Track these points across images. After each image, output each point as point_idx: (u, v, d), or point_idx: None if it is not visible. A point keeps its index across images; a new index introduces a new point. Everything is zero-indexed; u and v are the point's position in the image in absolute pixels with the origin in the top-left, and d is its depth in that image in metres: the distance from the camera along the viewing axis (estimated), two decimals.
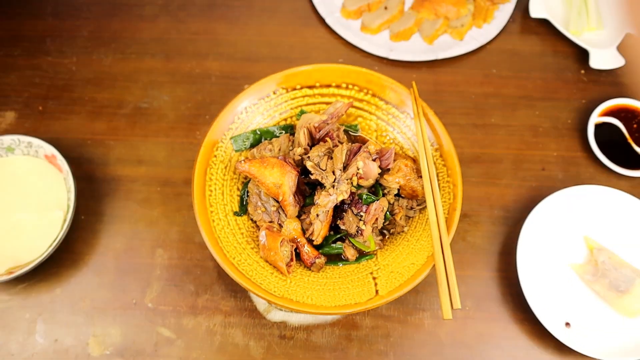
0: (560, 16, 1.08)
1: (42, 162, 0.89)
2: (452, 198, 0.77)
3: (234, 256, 0.74)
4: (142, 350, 0.80)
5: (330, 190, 0.74)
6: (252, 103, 0.84)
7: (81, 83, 1.02)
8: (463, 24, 1.06)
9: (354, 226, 0.76)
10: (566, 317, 0.80)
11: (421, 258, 0.74)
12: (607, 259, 0.82)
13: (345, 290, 0.73)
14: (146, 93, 1.01)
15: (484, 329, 0.81)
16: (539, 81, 1.03)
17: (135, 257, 0.86)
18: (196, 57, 1.05)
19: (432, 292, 0.84)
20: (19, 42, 1.07)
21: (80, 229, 0.88)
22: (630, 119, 0.95)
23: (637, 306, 0.79)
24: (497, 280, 0.85)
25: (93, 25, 1.09)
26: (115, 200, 0.91)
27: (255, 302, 0.83)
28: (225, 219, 0.79)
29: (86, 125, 0.98)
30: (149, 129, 0.98)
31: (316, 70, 0.85)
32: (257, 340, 0.80)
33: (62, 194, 0.86)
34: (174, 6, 1.12)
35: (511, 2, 1.10)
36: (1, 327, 0.81)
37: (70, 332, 0.81)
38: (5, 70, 1.04)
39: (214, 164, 0.81)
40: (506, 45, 1.07)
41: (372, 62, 1.05)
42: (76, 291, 0.84)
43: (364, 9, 1.09)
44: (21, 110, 0.99)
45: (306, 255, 0.77)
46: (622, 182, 0.92)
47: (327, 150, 0.78)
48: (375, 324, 0.82)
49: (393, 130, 0.87)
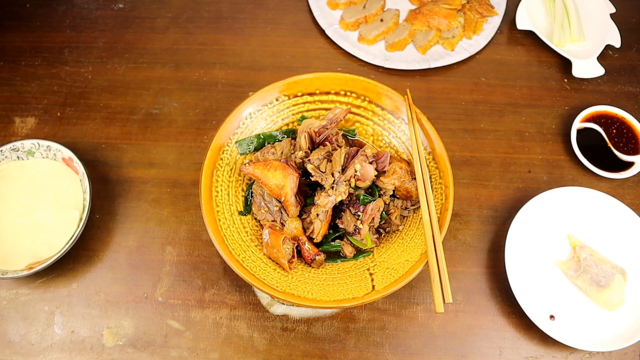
0: (544, 28, 1.08)
1: (60, 164, 0.88)
2: (444, 198, 0.76)
3: (238, 253, 0.74)
4: (152, 341, 0.79)
5: (330, 191, 0.74)
6: (256, 109, 0.84)
7: (96, 91, 1.02)
8: (454, 35, 1.06)
9: (352, 225, 0.76)
10: (551, 310, 0.79)
11: (415, 255, 0.73)
12: (588, 255, 0.82)
13: (343, 286, 0.73)
14: (157, 100, 1.01)
15: (473, 321, 0.81)
16: (524, 89, 1.02)
17: (147, 254, 0.86)
18: (204, 66, 1.05)
19: (425, 287, 0.83)
20: (39, 52, 1.07)
21: (95, 227, 0.88)
22: (610, 125, 0.95)
23: (616, 300, 0.79)
24: (486, 275, 0.84)
25: (108, 36, 1.09)
26: (128, 201, 0.90)
27: (259, 297, 0.83)
28: (231, 218, 0.78)
29: (101, 130, 0.97)
30: (160, 133, 0.97)
31: (316, 79, 0.85)
32: (260, 332, 0.80)
33: (78, 195, 0.86)
34: (183, 19, 1.11)
35: (499, 15, 1.09)
36: (22, 319, 0.81)
37: (86, 324, 0.81)
38: (26, 79, 1.04)
39: (220, 166, 0.80)
40: (494, 55, 1.07)
41: (369, 70, 1.04)
42: (91, 286, 0.84)
43: (361, 21, 1.09)
44: (41, 116, 0.99)
45: (307, 252, 0.77)
46: (602, 183, 0.92)
47: (327, 154, 0.77)
48: (372, 317, 0.81)
49: (388, 134, 0.86)
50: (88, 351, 0.79)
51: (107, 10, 1.13)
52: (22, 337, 0.80)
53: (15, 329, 0.80)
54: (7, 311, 0.82)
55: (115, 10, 1.13)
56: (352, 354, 0.79)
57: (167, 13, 1.12)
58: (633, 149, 0.92)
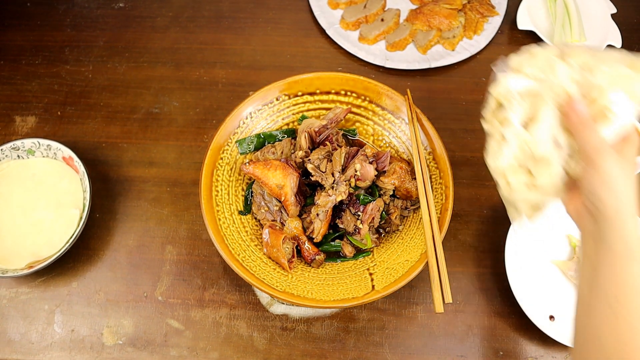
0: (545, 28, 1.08)
1: (60, 163, 0.88)
2: (444, 199, 0.76)
3: (238, 253, 0.74)
4: (152, 340, 0.79)
5: (330, 191, 0.74)
6: (257, 109, 0.84)
7: (97, 90, 1.02)
8: (455, 35, 1.05)
9: (351, 225, 0.76)
10: (550, 311, 0.79)
11: (415, 255, 0.73)
12: None
13: (343, 285, 0.73)
14: (157, 99, 1.01)
15: (473, 321, 0.81)
16: None
17: (147, 253, 0.86)
18: (204, 66, 1.04)
19: (425, 287, 0.83)
20: (40, 51, 1.07)
21: (96, 226, 0.88)
22: None
23: None
24: (486, 276, 0.84)
25: (108, 35, 1.09)
26: (128, 200, 0.90)
27: (259, 296, 0.82)
28: (231, 217, 0.78)
29: (101, 129, 0.97)
30: (160, 132, 0.97)
31: (317, 78, 0.85)
32: (260, 332, 0.80)
33: (78, 194, 0.86)
34: (184, 18, 1.11)
35: (500, 15, 1.09)
36: (22, 318, 0.81)
37: (86, 323, 0.81)
38: (27, 78, 1.03)
39: (221, 166, 0.80)
40: (495, 55, 1.06)
41: (369, 70, 1.04)
42: (91, 285, 0.83)
43: (362, 21, 1.08)
44: (41, 115, 0.99)
45: (307, 252, 0.76)
46: None
47: (327, 154, 0.77)
48: (372, 317, 0.81)
49: (389, 134, 0.86)
50: (88, 350, 0.79)
51: (107, 9, 1.13)
52: (22, 335, 0.80)
53: (15, 328, 0.80)
54: (7, 310, 0.81)
55: (115, 9, 1.13)
56: (352, 354, 0.78)
57: (168, 12, 1.12)
58: None
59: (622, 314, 0.52)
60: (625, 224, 0.52)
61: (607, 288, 0.53)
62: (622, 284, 0.52)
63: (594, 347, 0.54)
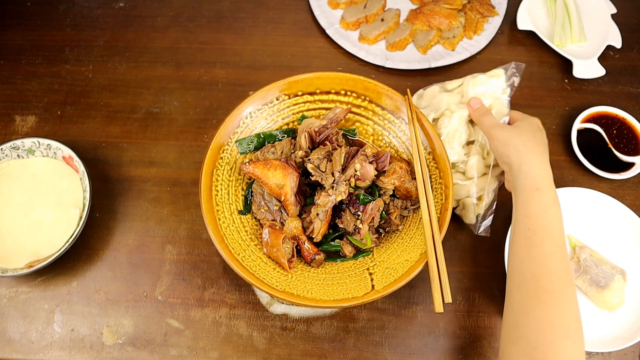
0: (545, 29, 1.08)
1: (60, 163, 0.88)
2: (444, 199, 0.76)
3: (238, 252, 0.74)
4: (152, 340, 0.79)
5: (330, 191, 0.74)
6: (257, 108, 0.84)
7: (97, 89, 1.02)
8: (455, 35, 1.05)
9: (351, 225, 0.76)
10: None
11: (415, 255, 0.73)
12: (588, 256, 0.81)
13: (343, 285, 0.73)
14: (157, 99, 1.01)
15: (473, 321, 0.81)
16: (525, 89, 1.02)
17: (146, 253, 0.86)
18: (204, 65, 1.04)
19: (425, 287, 0.83)
20: (40, 51, 1.07)
21: (95, 226, 0.88)
22: (610, 125, 0.94)
23: (616, 300, 0.79)
24: (486, 276, 0.84)
25: (108, 35, 1.09)
26: (128, 199, 0.90)
27: (259, 296, 0.82)
28: (231, 217, 0.78)
29: (101, 128, 0.97)
30: (160, 132, 0.97)
31: (317, 78, 0.85)
32: (260, 331, 0.80)
33: (78, 193, 0.86)
34: (184, 18, 1.11)
35: (500, 15, 1.09)
36: (22, 317, 0.81)
37: (86, 322, 0.81)
38: (27, 78, 1.03)
39: (220, 165, 0.80)
40: (495, 55, 1.06)
41: (369, 70, 1.04)
42: (91, 284, 0.83)
43: (362, 21, 1.08)
44: (41, 114, 0.99)
45: (306, 251, 0.76)
46: (602, 184, 0.92)
47: (327, 153, 0.77)
48: (371, 317, 0.81)
49: (389, 134, 0.86)
50: (88, 349, 0.79)
51: (107, 9, 1.13)
52: (21, 335, 0.80)
53: (15, 327, 0.80)
54: (7, 309, 0.81)
55: (115, 9, 1.13)
56: (352, 354, 0.78)
57: (168, 12, 1.12)
58: (633, 150, 0.92)
59: (534, 240, 0.65)
60: (530, 167, 0.70)
61: (521, 222, 0.67)
62: (532, 215, 0.67)
63: (516, 275, 0.66)
